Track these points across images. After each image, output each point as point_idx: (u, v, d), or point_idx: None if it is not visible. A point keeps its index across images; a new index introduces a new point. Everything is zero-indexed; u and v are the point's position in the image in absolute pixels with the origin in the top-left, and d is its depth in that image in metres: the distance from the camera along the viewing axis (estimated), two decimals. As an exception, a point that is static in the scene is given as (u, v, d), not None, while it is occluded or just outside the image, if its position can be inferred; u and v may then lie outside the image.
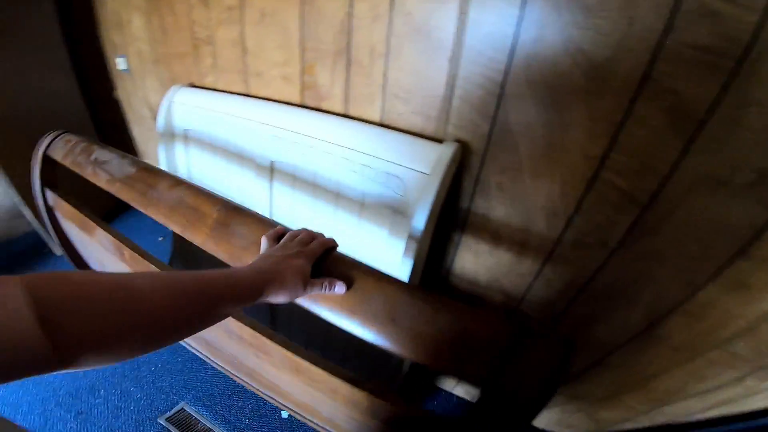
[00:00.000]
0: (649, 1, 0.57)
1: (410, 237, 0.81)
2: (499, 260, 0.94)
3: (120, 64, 1.73)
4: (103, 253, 0.97)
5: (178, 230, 0.68)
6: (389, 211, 0.89)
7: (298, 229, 0.56)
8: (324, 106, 1.02)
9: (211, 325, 0.40)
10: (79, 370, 0.28)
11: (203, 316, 0.38)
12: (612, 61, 0.62)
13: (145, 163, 0.82)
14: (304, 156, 1.00)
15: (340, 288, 0.49)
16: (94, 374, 1.41)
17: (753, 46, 0.52)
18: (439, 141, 0.83)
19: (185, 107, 1.26)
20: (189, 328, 0.37)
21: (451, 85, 0.79)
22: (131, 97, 1.88)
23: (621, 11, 0.59)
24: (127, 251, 0.84)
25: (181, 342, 0.83)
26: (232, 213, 0.64)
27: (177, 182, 0.74)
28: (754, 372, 0.76)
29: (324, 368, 0.62)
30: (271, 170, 1.10)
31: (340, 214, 1.01)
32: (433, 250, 0.97)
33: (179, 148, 1.36)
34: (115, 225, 2.50)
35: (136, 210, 0.74)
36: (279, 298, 0.45)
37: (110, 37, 1.75)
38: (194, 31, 1.24)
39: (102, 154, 0.88)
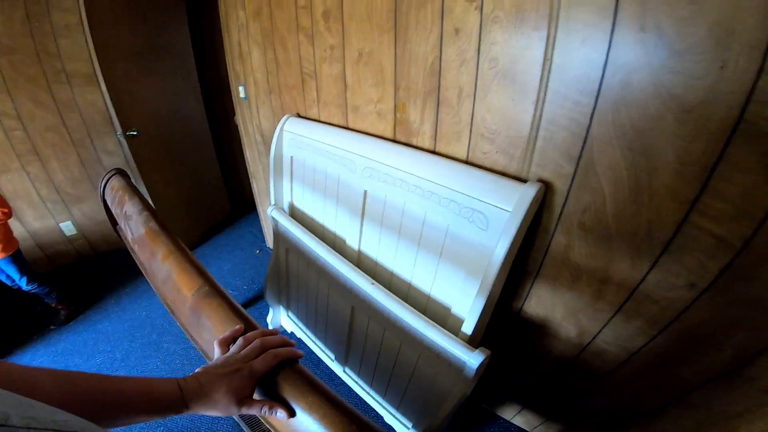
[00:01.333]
0: (741, 44, 0.56)
1: (486, 277, 0.88)
2: (577, 296, 0.97)
3: (241, 92, 2.03)
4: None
5: (170, 305, 0.69)
6: (469, 248, 0.94)
7: (254, 334, 0.54)
8: (414, 142, 1.12)
9: (120, 426, 0.40)
10: None
11: (104, 417, 0.39)
12: (705, 104, 0.63)
13: (154, 221, 0.82)
14: (394, 188, 1.10)
15: (281, 414, 0.46)
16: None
17: None
18: (522, 180, 0.87)
19: (292, 135, 1.47)
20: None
21: (535, 127, 0.83)
22: (247, 123, 2.18)
23: (713, 54, 0.59)
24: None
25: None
26: (204, 301, 0.61)
27: (170, 252, 0.71)
28: None
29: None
30: (364, 200, 1.22)
31: (422, 251, 1.09)
32: (508, 285, 1.03)
33: (286, 173, 1.58)
34: (217, 238, 2.97)
35: (238, 223, 0.79)
36: (209, 414, 0.46)
37: (234, 66, 2.06)
38: (302, 65, 1.44)
39: (129, 207, 0.89)
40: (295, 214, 1.64)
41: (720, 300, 0.74)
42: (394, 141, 1.18)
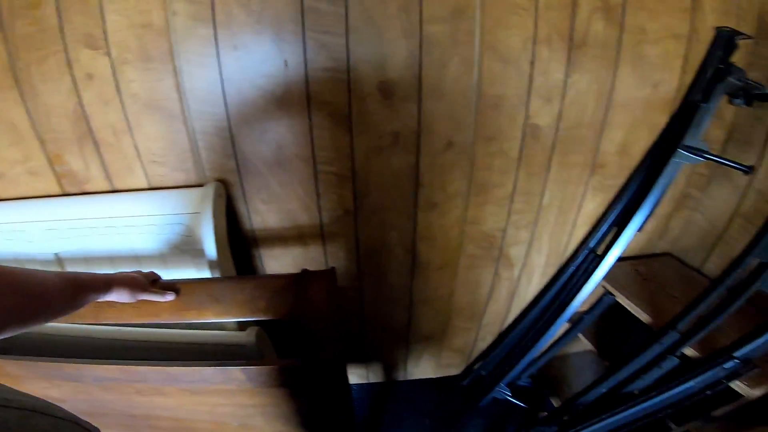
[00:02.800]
0: (289, 43, 0.92)
1: (210, 265, 0.97)
2: (295, 254, 1.20)
3: None
4: None
5: None
6: (186, 253, 1.02)
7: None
8: (89, 188, 1.07)
9: (77, 308, 0.52)
10: None
11: (75, 299, 0.51)
12: (287, 92, 0.95)
13: None
14: (90, 238, 1.03)
15: (169, 295, 0.73)
16: None
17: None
18: (202, 186, 1.02)
19: None
20: (66, 307, 0.49)
21: (193, 140, 0.99)
22: None
23: (279, 55, 0.92)
24: None
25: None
26: None
27: None
28: (496, 263, 1.26)
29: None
30: (59, 261, 1.07)
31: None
32: (247, 269, 1.17)
33: None
34: None
35: None
36: (123, 297, 0.63)
37: None
38: None
39: None
40: None
41: (364, 215, 1.09)
42: (66, 195, 1.08)
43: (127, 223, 1.00)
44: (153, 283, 0.73)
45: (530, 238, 1.25)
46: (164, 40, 0.91)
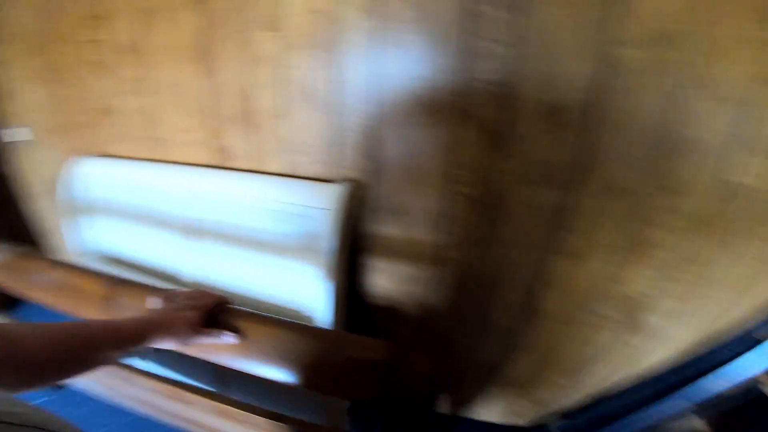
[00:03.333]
0: (450, 48, 0.86)
1: (325, 264, 0.97)
2: (404, 271, 1.14)
3: (8, 136, 1.66)
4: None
5: (68, 310, 0.71)
6: (304, 246, 1.03)
7: (191, 290, 0.61)
8: (235, 165, 1.16)
9: (95, 367, 0.45)
10: None
11: (82, 359, 0.43)
12: (438, 100, 0.89)
13: (21, 248, 0.84)
14: (223, 211, 1.11)
15: (229, 338, 0.56)
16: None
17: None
18: (336, 182, 1.02)
19: (89, 178, 1.29)
20: (69, 371, 0.43)
21: (337, 135, 1.00)
22: (28, 170, 1.77)
23: (433, 59, 0.87)
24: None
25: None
26: (118, 287, 0.67)
27: (55, 264, 0.77)
28: (623, 327, 1.04)
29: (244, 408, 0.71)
30: (193, 228, 1.17)
31: (262, 258, 1.11)
32: (353, 275, 1.15)
33: (88, 220, 1.36)
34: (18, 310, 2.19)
35: None
36: (167, 345, 0.51)
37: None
38: (94, 101, 1.32)
39: None
40: (112, 259, 1.41)
41: (489, 247, 1.00)
42: (215, 167, 1.18)
43: (260, 205, 1.05)
44: (217, 308, 0.59)
45: (678, 309, 1.03)
46: (332, 28, 0.92)
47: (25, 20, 1.38)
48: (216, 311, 0.58)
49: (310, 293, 1.05)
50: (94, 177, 1.29)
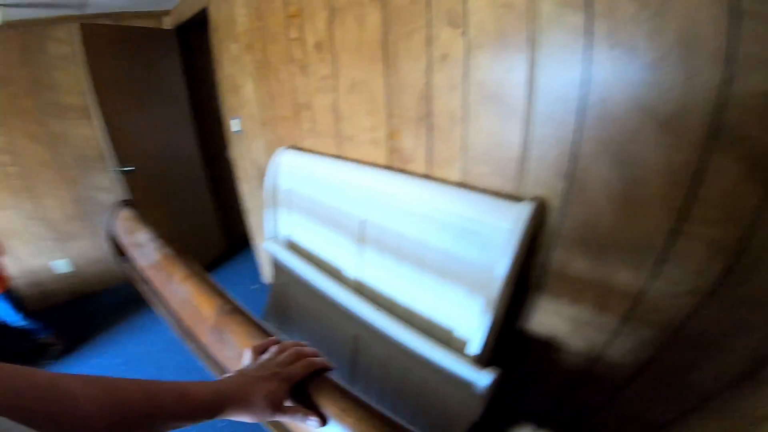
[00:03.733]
0: (705, 51, 0.60)
1: (490, 293, 0.88)
2: (581, 309, 0.96)
3: (234, 125, 2.06)
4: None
5: (189, 326, 0.71)
6: (470, 269, 0.95)
7: (288, 343, 0.54)
8: (409, 168, 1.14)
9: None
10: None
11: (142, 426, 0.37)
12: (679, 115, 0.65)
13: (169, 248, 0.86)
14: (392, 214, 1.11)
15: (312, 423, 0.46)
16: None
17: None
18: (518, 199, 0.89)
19: (288, 167, 1.49)
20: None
21: (526, 147, 0.86)
22: (241, 156, 2.20)
23: (679, 65, 0.63)
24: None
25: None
26: (226, 318, 0.62)
27: (188, 275, 0.73)
28: None
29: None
30: (363, 228, 1.23)
31: (423, 270, 1.08)
32: (512, 304, 1.02)
33: (282, 206, 1.59)
34: (213, 274, 2.89)
35: (234, 259, 0.82)
36: (241, 418, 0.44)
37: (227, 99, 2.10)
38: (296, 97, 1.48)
39: (140, 236, 0.93)
40: (293, 247, 1.64)
41: (720, 304, 0.75)
42: (390, 168, 1.20)
43: (430, 214, 1.01)
44: (311, 375, 0.50)
45: None
46: (525, 24, 0.78)
47: (246, 18, 1.62)
48: (310, 377, 0.49)
49: (467, 316, 0.98)
50: (289, 167, 1.49)
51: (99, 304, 2.62)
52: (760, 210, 0.65)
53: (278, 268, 1.60)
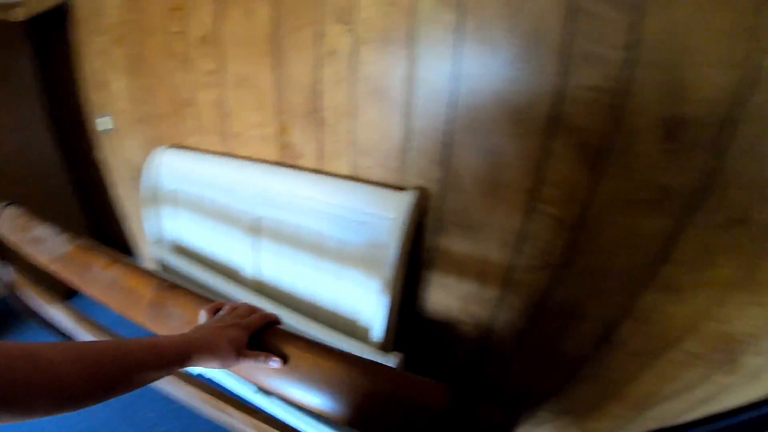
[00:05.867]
0: (547, 48, 0.72)
1: (384, 277, 0.91)
2: (466, 289, 1.05)
3: (101, 124, 1.80)
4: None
5: (117, 310, 0.70)
6: (364, 256, 0.99)
7: (238, 302, 0.58)
8: (300, 164, 1.13)
9: (132, 389, 0.42)
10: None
11: (120, 381, 0.40)
12: (529, 106, 0.77)
13: (82, 240, 0.84)
14: (286, 210, 1.09)
15: (274, 363, 0.51)
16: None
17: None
18: (401, 189, 0.95)
19: (169, 168, 1.36)
20: (104, 393, 0.39)
21: (407, 139, 0.92)
22: (112, 158, 1.94)
23: (530, 61, 0.74)
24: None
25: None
26: (167, 293, 0.64)
27: (112, 261, 0.74)
28: (717, 367, 0.89)
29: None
30: (257, 226, 1.19)
31: (320, 262, 1.09)
32: (408, 287, 1.07)
33: (165, 209, 1.44)
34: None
35: None
36: (209, 365, 0.47)
37: (91, 97, 1.84)
38: (177, 93, 1.36)
39: (40, 231, 0.89)
40: (183, 250, 1.48)
41: (571, 275, 0.87)
42: (281, 164, 1.17)
43: (322, 207, 1.01)
44: (265, 327, 0.55)
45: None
46: (407, 21, 0.84)
47: (118, 11, 1.46)
48: (263, 330, 0.54)
49: (366, 302, 1.00)
50: (171, 167, 1.36)
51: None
52: (589, 191, 0.79)
53: (168, 273, 1.41)
